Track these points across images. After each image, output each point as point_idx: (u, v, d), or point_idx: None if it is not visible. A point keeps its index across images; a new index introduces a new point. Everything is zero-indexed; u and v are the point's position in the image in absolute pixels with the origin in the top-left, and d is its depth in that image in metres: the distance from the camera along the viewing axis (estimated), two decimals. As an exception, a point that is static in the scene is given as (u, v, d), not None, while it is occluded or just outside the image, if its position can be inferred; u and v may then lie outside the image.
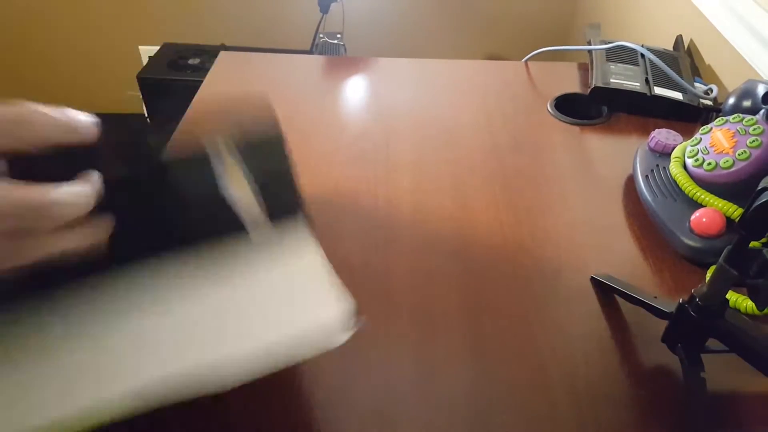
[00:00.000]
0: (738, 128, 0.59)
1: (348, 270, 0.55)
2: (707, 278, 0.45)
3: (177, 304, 0.34)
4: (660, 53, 0.86)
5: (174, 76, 1.71)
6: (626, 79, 0.81)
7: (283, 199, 0.37)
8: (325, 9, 1.61)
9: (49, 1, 1.83)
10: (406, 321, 0.51)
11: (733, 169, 0.57)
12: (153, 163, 0.34)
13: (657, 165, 0.65)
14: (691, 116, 0.78)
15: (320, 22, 1.66)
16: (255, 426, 0.43)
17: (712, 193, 0.58)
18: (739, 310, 0.51)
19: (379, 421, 0.44)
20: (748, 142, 0.57)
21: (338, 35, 1.67)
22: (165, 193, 0.35)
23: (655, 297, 0.49)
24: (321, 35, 1.66)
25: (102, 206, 0.31)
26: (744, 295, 0.51)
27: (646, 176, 0.64)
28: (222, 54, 0.89)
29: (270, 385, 0.45)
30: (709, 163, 0.58)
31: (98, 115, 0.31)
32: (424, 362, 0.48)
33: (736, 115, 0.61)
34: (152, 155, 0.35)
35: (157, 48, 1.82)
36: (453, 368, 0.47)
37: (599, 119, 0.79)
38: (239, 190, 0.35)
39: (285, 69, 0.88)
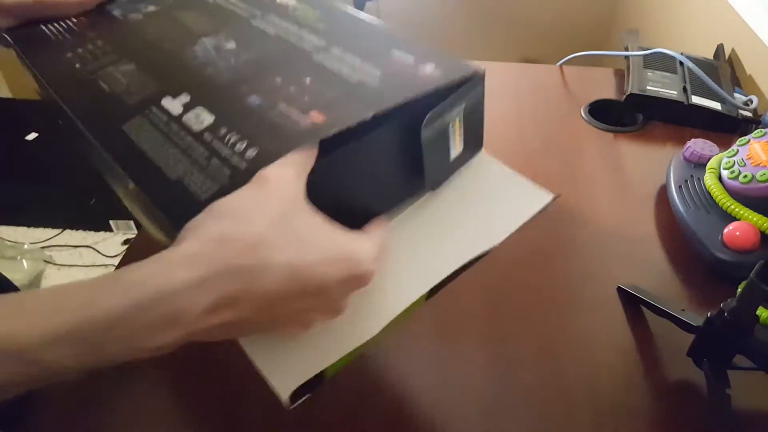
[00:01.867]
0: (777, 141, 0.57)
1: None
2: (738, 293, 0.44)
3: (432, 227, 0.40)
4: (699, 62, 0.84)
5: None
6: (663, 86, 0.80)
7: (476, 132, 0.42)
8: (360, 7, 1.62)
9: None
10: (426, 324, 0.51)
11: (770, 182, 0.55)
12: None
13: (691, 176, 0.64)
14: (728, 127, 0.76)
15: (355, 20, 1.66)
16: (271, 421, 0.44)
17: (746, 206, 0.56)
18: (769, 328, 0.50)
19: (398, 420, 0.44)
20: (787, 155, 0.56)
21: (373, 33, 1.67)
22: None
23: (683, 310, 0.48)
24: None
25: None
26: (776, 312, 0.50)
27: (680, 186, 0.63)
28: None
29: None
30: (746, 176, 0.57)
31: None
32: (443, 365, 0.48)
33: (776, 127, 0.59)
34: None
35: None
36: (472, 372, 0.47)
37: (634, 127, 0.78)
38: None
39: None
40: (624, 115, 0.80)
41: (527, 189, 0.42)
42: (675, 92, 0.79)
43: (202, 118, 0.34)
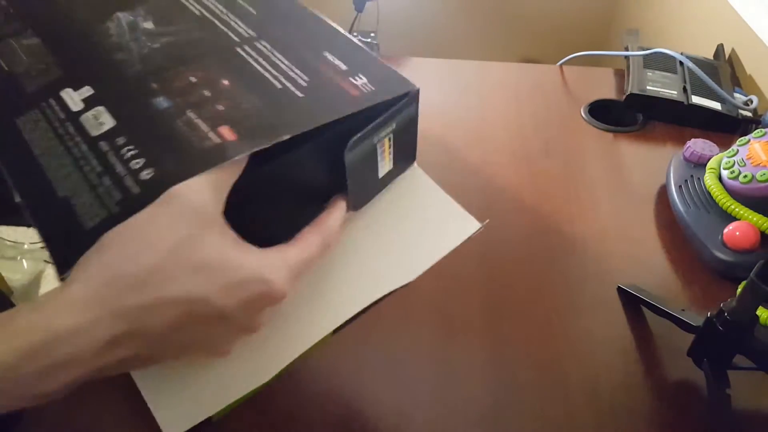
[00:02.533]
0: (777, 141, 0.58)
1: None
2: (738, 293, 0.44)
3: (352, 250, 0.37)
4: (699, 62, 0.84)
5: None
6: (663, 86, 0.80)
7: (408, 147, 0.39)
8: (360, 7, 1.62)
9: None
10: (427, 322, 0.51)
11: (770, 182, 0.55)
12: None
13: (691, 175, 0.64)
14: (728, 127, 0.76)
15: (354, 21, 1.66)
16: (270, 418, 0.44)
17: (746, 206, 0.56)
18: (769, 328, 0.50)
19: (398, 417, 0.44)
20: (787, 155, 0.56)
21: (372, 34, 1.67)
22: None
23: (683, 310, 0.48)
24: (355, 33, 1.66)
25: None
26: (776, 312, 0.50)
27: (680, 186, 0.63)
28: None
29: (288, 380, 0.46)
30: (746, 176, 0.57)
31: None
32: (444, 363, 0.48)
33: (776, 127, 0.59)
34: None
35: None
36: (472, 371, 0.47)
37: (634, 127, 0.78)
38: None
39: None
40: (624, 115, 0.80)
41: (455, 215, 0.40)
42: (675, 92, 0.79)
43: (101, 121, 0.30)
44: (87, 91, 0.32)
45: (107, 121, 0.30)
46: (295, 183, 0.33)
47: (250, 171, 0.29)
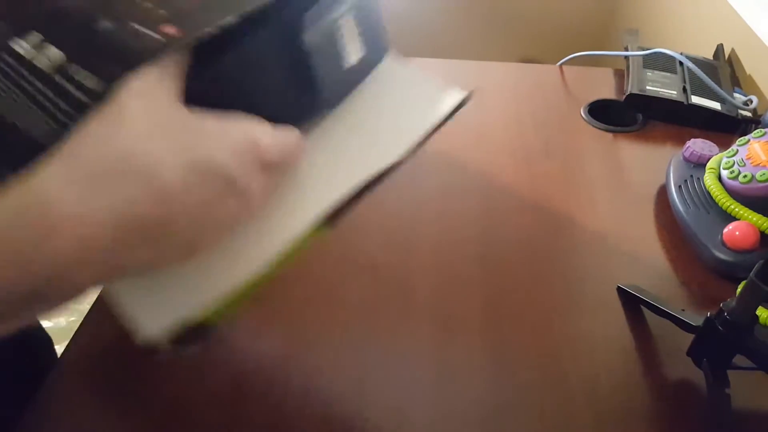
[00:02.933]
0: (777, 141, 0.58)
1: (371, 269, 0.55)
2: (737, 293, 0.44)
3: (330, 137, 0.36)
4: (699, 62, 0.84)
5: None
6: (663, 86, 0.80)
7: (375, 32, 0.37)
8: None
9: None
10: (426, 322, 0.51)
11: (769, 182, 0.55)
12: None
13: (691, 175, 0.64)
14: (728, 127, 0.76)
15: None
16: (271, 417, 0.44)
17: (746, 206, 0.56)
18: (769, 328, 0.50)
19: (398, 417, 0.44)
20: (786, 155, 0.56)
21: (372, 34, 1.67)
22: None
23: (683, 310, 0.48)
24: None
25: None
26: (775, 312, 0.50)
27: (679, 186, 0.63)
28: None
29: (287, 378, 0.46)
30: (745, 176, 0.57)
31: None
32: (443, 363, 0.48)
33: (775, 127, 0.59)
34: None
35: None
36: (471, 371, 0.47)
37: (633, 127, 0.78)
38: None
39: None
40: (624, 115, 0.80)
41: (436, 88, 0.39)
42: (675, 92, 0.79)
43: (53, 58, 0.30)
44: (35, 37, 0.31)
45: (58, 57, 0.30)
46: (256, 85, 0.32)
47: (206, 71, 0.29)
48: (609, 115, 0.80)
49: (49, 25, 0.32)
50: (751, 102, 0.78)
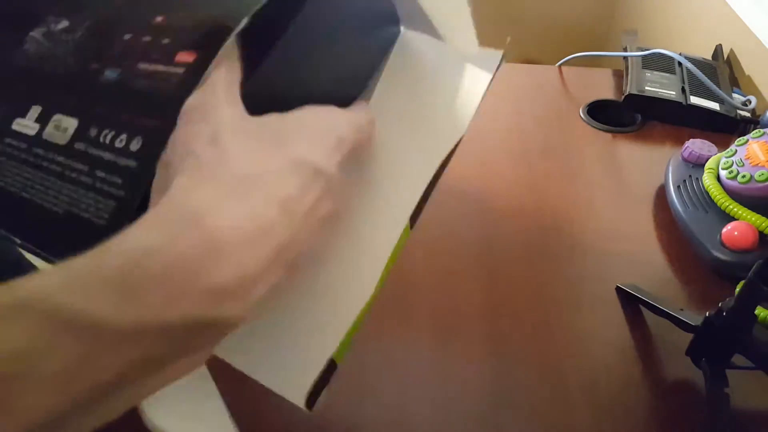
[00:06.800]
0: (775, 141, 0.58)
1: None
2: (736, 293, 0.44)
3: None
4: (698, 62, 0.84)
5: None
6: (662, 87, 0.80)
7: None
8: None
9: None
10: (426, 321, 0.51)
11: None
12: None
13: (690, 176, 0.64)
14: (727, 127, 0.77)
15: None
16: (272, 417, 0.44)
17: (745, 206, 0.56)
18: (767, 327, 0.50)
19: (399, 416, 0.44)
20: (785, 155, 0.56)
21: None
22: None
23: (682, 309, 0.48)
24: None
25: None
26: (774, 311, 0.50)
27: (678, 187, 0.63)
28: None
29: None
30: (744, 176, 0.57)
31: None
32: (443, 362, 0.48)
33: (774, 127, 0.59)
34: None
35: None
36: (471, 370, 0.47)
37: (632, 127, 0.78)
38: None
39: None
40: (623, 115, 0.80)
41: (471, 58, 0.38)
42: (673, 92, 0.79)
43: (64, 126, 0.28)
44: (35, 111, 0.30)
45: (70, 124, 0.28)
46: (306, 69, 0.31)
47: (254, 73, 0.27)
48: (608, 115, 0.80)
49: (47, 93, 0.30)
50: (750, 102, 0.78)
